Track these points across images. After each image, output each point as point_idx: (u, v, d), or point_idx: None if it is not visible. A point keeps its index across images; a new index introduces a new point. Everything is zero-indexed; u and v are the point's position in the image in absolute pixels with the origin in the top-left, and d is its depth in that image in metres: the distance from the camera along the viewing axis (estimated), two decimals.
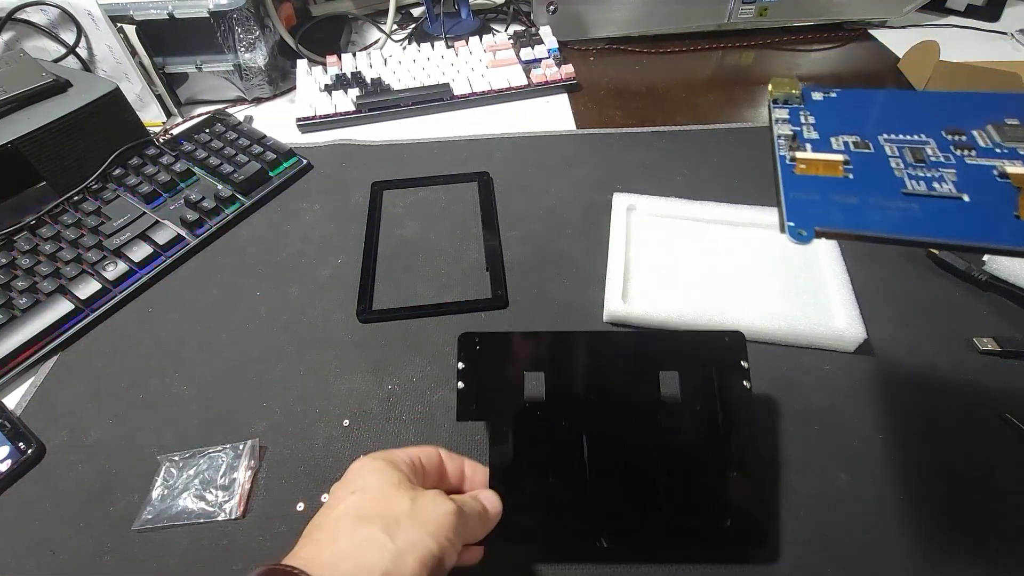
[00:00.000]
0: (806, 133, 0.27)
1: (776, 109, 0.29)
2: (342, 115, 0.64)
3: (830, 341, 0.39)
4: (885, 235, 0.22)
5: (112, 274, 0.46)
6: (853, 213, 0.22)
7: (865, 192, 0.23)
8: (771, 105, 0.29)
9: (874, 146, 0.26)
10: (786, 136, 0.27)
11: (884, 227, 0.22)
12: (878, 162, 0.25)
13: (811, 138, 0.27)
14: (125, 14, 0.60)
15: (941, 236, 0.21)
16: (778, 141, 0.26)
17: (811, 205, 0.23)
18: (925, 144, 0.25)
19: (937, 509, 0.32)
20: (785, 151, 0.26)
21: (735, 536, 0.30)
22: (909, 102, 0.29)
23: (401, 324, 0.43)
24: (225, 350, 0.43)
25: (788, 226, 0.22)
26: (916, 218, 0.22)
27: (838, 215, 0.22)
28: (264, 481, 0.35)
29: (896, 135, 0.26)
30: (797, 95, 0.29)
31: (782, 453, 0.35)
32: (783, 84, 0.29)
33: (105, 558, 0.32)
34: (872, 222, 0.22)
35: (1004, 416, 0.35)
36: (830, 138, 0.26)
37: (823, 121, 0.27)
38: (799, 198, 0.23)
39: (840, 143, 0.26)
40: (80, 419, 0.39)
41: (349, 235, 0.50)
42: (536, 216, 0.51)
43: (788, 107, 0.29)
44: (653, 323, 0.41)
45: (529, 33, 0.71)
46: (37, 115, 0.49)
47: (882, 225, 0.22)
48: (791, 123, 0.28)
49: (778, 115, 0.28)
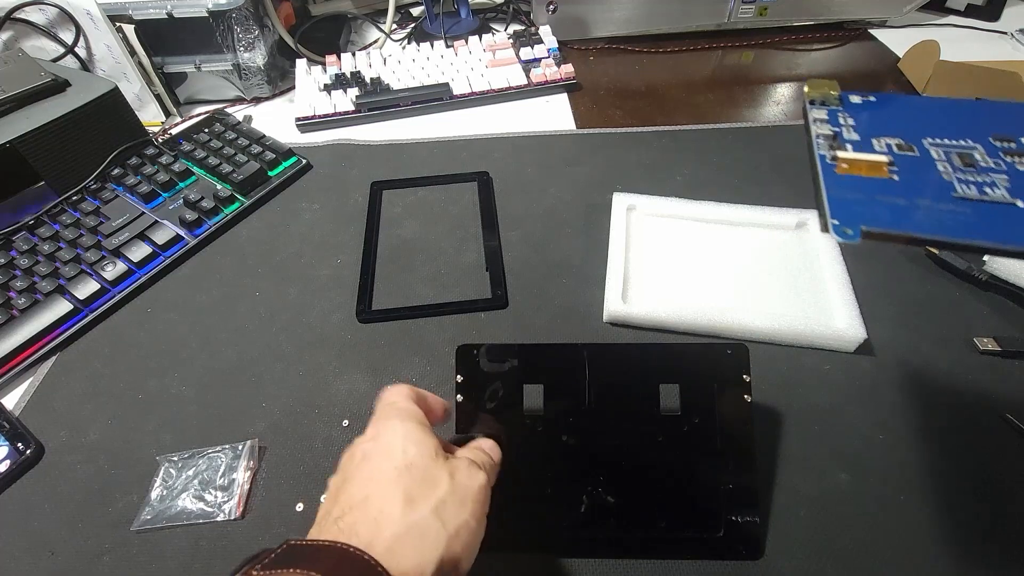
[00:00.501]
0: (846, 134, 0.26)
1: (813, 109, 0.28)
2: (341, 115, 0.63)
3: (830, 341, 0.39)
4: (937, 237, 0.21)
5: (111, 274, 0.46)
6: (902, 214, 0.22)
7: (913, 194, 0.23)
8: (808, 105, 0.29)
9: (919, 149, 0.25)
10: (826, 136, 0.26)
11: (936, 229, 0.21)
12: (924, 165, 0.24)
13: (852, 139, 0.26)
14: (124, 13, 0.60)
15: (996, 241, 0.21)
16: (817, 140, 0.26)
17: (856, 204, 0.23)
18: (972, 149, 0.25)
19: (937, 509, 0.32)
20: (825, 151, 0.25)
21: (728, 546, 0.30)
22: (950, 108, 0.28)
23: (400, 324, 0.43)
24: (224, 350, 0.42)
25: (832, 224, 0.22)
26: (969, 222, 0.21)
27: (886, 215, 0.22)
28: (263, 481, 0.35)
29: (941, 139, 0.26)
30: (835, 96, 0.29)
31: (782, 453, 0.34)
32: (821, 85, 0.29)
33: (104, 559, 0.32)
34: (923, 224, 0.21)
35: (1004, 416, 0.35)
36: (872, 139, 0.26)
37: (863, 123, 0.27)
38: (843, 197, 0.23)
39: (882, 145, 0.26)
40: (79, 419, 0.39)
41: (348, 235, 0.50)
42: (536, 216, 0.51)
43: (826, 108, 0.28)
44: (653, 323, 0.41)
45: (529, 33, 0.71)
46: (36, 115, 0.49)
47: (933, 227, 0.21)
48: (830, 124, 0.27)
49: (816, 115, 0.28)
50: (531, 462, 0.32)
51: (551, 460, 0.32)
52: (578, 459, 0.32)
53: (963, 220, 0.22)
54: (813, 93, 0.29)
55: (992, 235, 0.21)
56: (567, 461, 0.32)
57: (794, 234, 0.46)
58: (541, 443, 0.32)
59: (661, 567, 0.31)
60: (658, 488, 0.32)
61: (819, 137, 0.26)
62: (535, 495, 0.32)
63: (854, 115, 0.28)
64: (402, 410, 0.28)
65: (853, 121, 0.27)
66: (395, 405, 0.28)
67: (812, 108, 0.28)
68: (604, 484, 0.32)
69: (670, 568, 0.31)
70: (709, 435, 0.31)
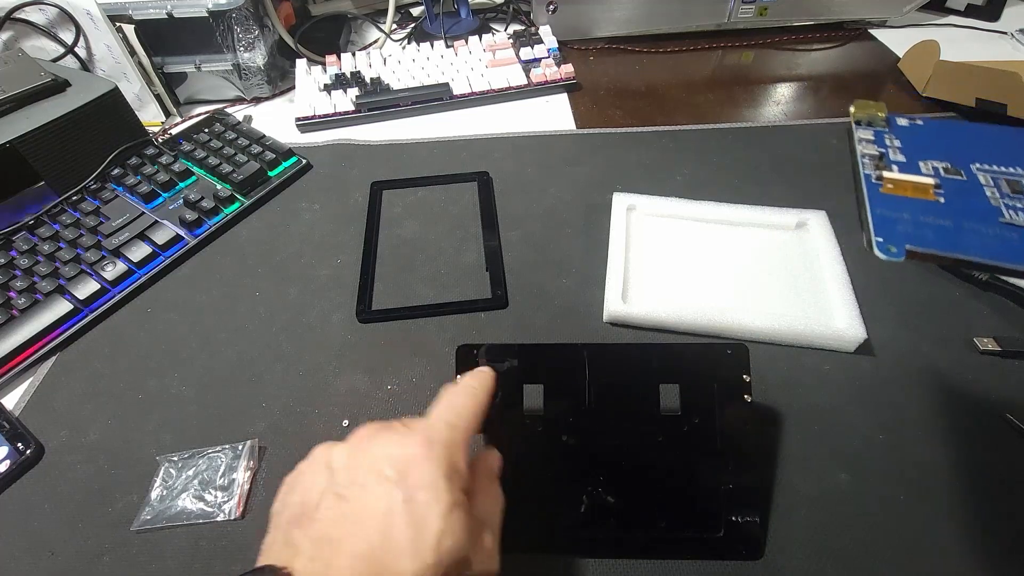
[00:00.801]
0: (892, 155, 0.26)
1: (859, 130, 0.28)
2: (341, 115, 0.63)
3: (830, 341, 0.39)
4: (983, 261, 0.21)
5: (111, 274, 0.46)
6: (948, 236, 0.22)
7: (959, 217, 0.23)
8: (853, 126, 0.29)
9: (966, 174, 0.25)
10: (871, 156, 0.26)
11: (982, 252, 0.21)
12: (972, 189, 0.24)
13: (898, 160, 0.26)
14: (124, 13, 0.60)
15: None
16: (862, 160, 0.26)
17: (901, 224, 0.22)
18: (1021, 177, 0.25)
19: (937, 509, 0.32)
20: (870, 170, 0.25)
21: (728, 546, 0.30)
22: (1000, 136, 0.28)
23: (400, 324, 0.43)
24: (224, 350, 0.42)
25: (876, 242, 0.22)
26: (1017, 247, 0.21)
27: (931, 236, 0.22)
28: (263, 482, 0.35)
29: (989, 165, 0.25)
30: (882, 117, 0.29)
31: (782, 453, 0.34)
32: (868, 106, 0.29)
33: (104, 559, 0.32)
34: (970, 246, 0.21)
35: (1004, 416, 0.35)
36: (918, 162, 0.26)
37: (909, 146, 0.27)
38: (887, 216, 0.23)
39: (929, 168, 0.25)
40: (79, 419, 0.39)
41: (348, 235, 0.50)
42: (536, 216, 0.51)
43: (872, 129, 0.28)
44: (653, 323, 0.41)
45: (529, 33, 0.71)
46: (36, 115, 0.49)
47: (980, 250, 0.21)
48: (876, 144, 0.27)
49: (862, 135, 0.28)
50: (531, 462, 0.32)
51: (551, 460, 0.32)
52: (578, 459, 0.32)
53: (1011, 245, 0.21)
54: (860, 114, 0.29)
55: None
56: (567, 461, 0.32)
57: (794, 234, 0.46)
58: (541, 443, 0.32)
59: (661, 567, 0.31)
60: (658, 488, 0.32)
61: (864, 157, 0.26)
62: (535, 495, 0.32)
63: (900, 137, 0.27)
64: (455, 465, 0.23)
65: (899, 143, 0.27)
66: (449, 441, 0.23)
67: (858, 128, 0.28)
68: (604, 484, 0.32)
69: (670, 568, 0.31)
70: (709, 435, 0.31)
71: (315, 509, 0.22)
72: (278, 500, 0.24)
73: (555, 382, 0.32)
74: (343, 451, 0.24)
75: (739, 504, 0.31)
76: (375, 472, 0.22)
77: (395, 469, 0.22)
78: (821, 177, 0.50)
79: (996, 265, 0.21)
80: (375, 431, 0.24)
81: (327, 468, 0.23)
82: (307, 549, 0.21)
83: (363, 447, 0.23)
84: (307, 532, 0.21)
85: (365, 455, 0.23)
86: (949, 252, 0.21)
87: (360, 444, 0.24)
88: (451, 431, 0.24)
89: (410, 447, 0.23)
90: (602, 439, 0.32)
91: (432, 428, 0.24)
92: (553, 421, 0.32)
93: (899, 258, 0.21)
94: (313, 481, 0.23)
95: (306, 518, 0.22)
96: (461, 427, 0.25)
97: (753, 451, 0.32)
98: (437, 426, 0.24)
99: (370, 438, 0.24)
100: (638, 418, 0.32)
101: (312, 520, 0.21)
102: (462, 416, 0.25)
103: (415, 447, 0.23)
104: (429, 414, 0.25)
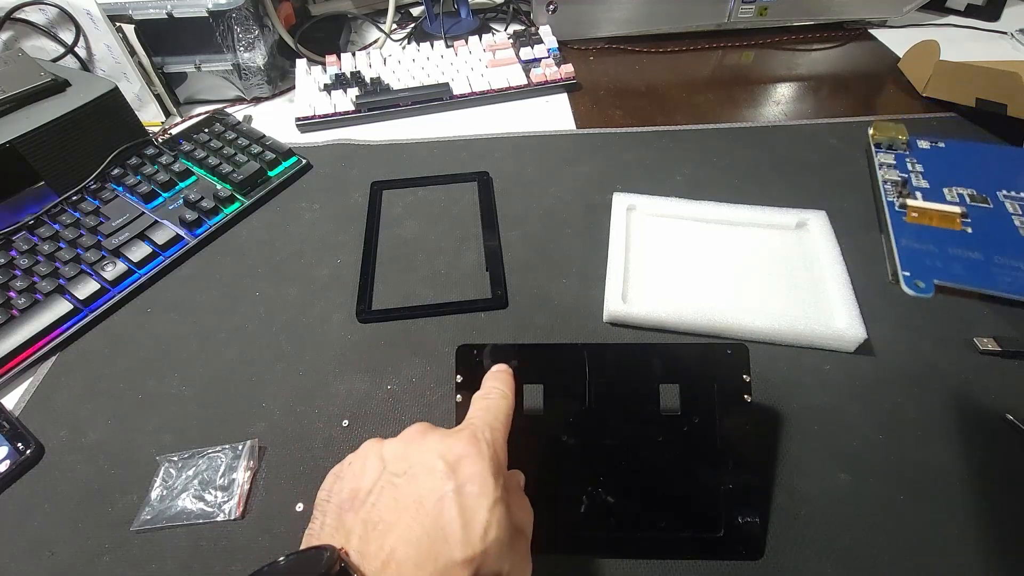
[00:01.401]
0: (915, 181, 0.26)
1: (880, 153, 0.27)
2: (341, 115, 0.63)
3: (830, 341, 0.39)
4: (1016, 297, 0.20)
5: (111, 274, 0.46)
6: (978, 270, 0.21)
7: (988, 249, 0.22)
8: (873, 149, 0.28)
9: (993, 201, 0.24)
10: (894, 182, 0.25)
11: (1012, 288, 0.21)
12: (999, 219, 0.23)
13: (921, 186, 0.25)
14: (124, 13, 0.60)
15: None
16: (885, 187, 0.25)
17: (928, 256, 0.22)
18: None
19: (937, 509, 0.32)
20: (894, 197, 0.25)
21: (728, 546, 0.30)
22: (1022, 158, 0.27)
23: (400, 324, 0.43)
24: (224, 350, 0.42)
25: (904, 276, 0.21)
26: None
27: (960, 271, 0.21)
28: (263, 482, 0.35)
29: (1016, 192, 0.25)
30: (903, 141, 0.28)
31: (782, 453, 0.34)
32: (888, 128, 0.28)
33: (104, 559, 0.32)
34: (1001, 283, 0.21)
35: (1005, 416, 0.35)
36: (942, 189, 0.25)
37: (932, 170, 0.26)
38: (914, 247, 0.22)
39: (954, 195, 0.25)
40: (79, 419, 0.39)
41: (348, 235, 0.50)
42: (536, 216, 0.51)
43: (893, 152, 0.27)
44: (653, 323, 0.41)
45: (529, 33, 0.71)
46: (35, 115, 0.49)
47: (1012, 287, 0.21)
48: (898, 169, 0.26)
49: (883, 159, 0.27)
50: (532, 462, 0.32)
51: (551, 460, 0.32)
52: (578, 459, 0.32)
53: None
54: (880, 136, 0.28)
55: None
56: (567, 461, 0.32)
57: (794, 234, 0.46)
58: (541, 443, 0.32)
59: (661, 567, 0.31)
60: (657, 488, 0.32)
61: (887, 183, 0.25)
62: (535, 495, 0.32)
63: (923, 161, 0.27)
64: (501, 465, 0.24)
65: (922, 168, 0.26)
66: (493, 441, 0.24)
67: (879, 152, 0.27)
68: (602, 483, 0.32)
69: (670, 568, 0.31)
70: (709, 435, 0.31)
71: (368, 494, 0.23)
72: (325, 488, 0.25)
73: (555, 382, 0.32)
74: (395, 444, 0.25)
75: (738, 504, 0.31)
76: (427, 464, 0.23)
77: (446, 462, 0.23)
78: (821, 177, 0.50)
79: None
80: (425, 429, 0.25)
81: (379, 458, 0.24)
82: (360, 531, 0.22)
83: (415, 440, 0.25)
84: (359, 515, 0.22)
85: (417, 448, 0.24)
86: (980, 287, 0.21)
87: (412, 439, 0.25)
88: (493, 432, 0.25)
89: (459, 443, 0.24)
90: (602, 439, 0.32)
91: (477, 429, 0.25)
92: (553, 421, 0.32)
93: (928, 294, 0.21)
94: (365, 469, 0.24)
95: (359, 502, 0.23)
96: (500, 429, 0.26)
97: (753, 451, 0.32)
98: (481, 427, 0.25)
99: (421, 434, 0.25)
100: (638, 418, 0.32)
101: (364, 504, 0.22)
102: (499, 419, 0.27)
103: (464, 444, 0.24)
104: (469, 418, 0.27)
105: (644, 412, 0.32)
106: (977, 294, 0.21)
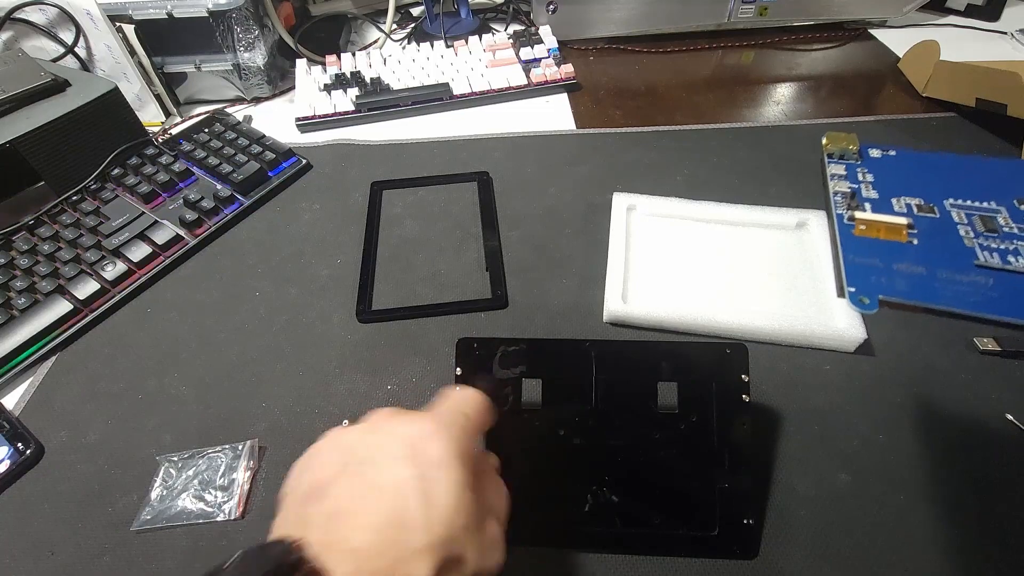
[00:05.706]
0: (865, 192, 0.25)
1: (832, 164, 0.27)
2: (341, 115, 0.63)
3: (830, 341, 0.39)
4: (957, 310, 0.20)
5: (111, 274, 0.46)
6: (921, 284, 0.21)
7: (932, 261, 0.22)
8: (826, 159, 0.28)
9: (940, 211, 0.24)
10: (844, 194, 0.25)
11: (957, 303, 0.20)
12: (945, 228, 0.23)
13: (870, 197, 0.25)
14: (124, 13, 0.60)
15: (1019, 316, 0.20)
16: (835, 199, 0.25)
17: (874, 271, 0.21)
18: (996, 213, 0.23)
19: (937, 509, 0.32)
20: (843, 210, 0.24)
21: (723, 544, 0.30)
22: (974, 167, 0.27)
23: (401, 324, 0.43)
24: (224, 350, 0.42)
25: (849, 292, 0.21)
26: (991, 297, 0.20)
27: (904, 285, 0.21)
28: (263, 482, 0.35)
29: (963, 200, 0.24)
30: (854, 151, 0.28)
31: (781, 453, 0.34)
32: (839, 139, 0.28)
33: (104, 559, 0.32)
34: (943, 296, 0.20)
35: (1005, 416, 0.35)
36: (891, 199, 0.25)
37: (882, 180, 0.26)
38: (860, 262, 0.22)
39: (902, 205, 0.24)
40: (79, 419, 0.39)
41: (348, 235, 0.50)
42: (536, 216, 0.51)
43: (844, 163, 0.27)
44: (653, 323, 0.41)
45: (529, 33, 0.71)
46: (35, 115, 0.49)
47: (953, 300, 0.20)
48: (848, 180, 0.26)
49: (834, 171, 0.27)
50: (535, 459, 0.32)
51: (555, 458, 0.32)
52: (584, 457, 0.32)
53: (985, 294, 0.20)
54: (832, 147, 0.28)
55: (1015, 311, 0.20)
56: (573, 459, 0.32)
57: (794, 234, 0.46)
58: (537, 437, 0.32)
59: (658, 565, 0.31)
60: (654, 486, 0.32)
61: (837, 195, 0.25)
62: (532, 491, 0.32)
63: (873, 171, 0.26)
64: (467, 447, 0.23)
65: (872, 177, 0.26)
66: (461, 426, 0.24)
67: (831, 163, 0.27)
68: (599, 479, 0.32)
69: (667, 565, 0.31)
70: (707, 434, 0.31)
71: (328, 486, 0.22)
72: (289, 482, 0.24)
73: (555, 377, 0.33)
74: (357, 432, 0.24)
75: (735, 504, 0.31)
76: (389, 450, 0.22)
77: (408, 447, 0.22)
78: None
79: (970, 315, 0.20)
80: (389, 415, 0.25)
81: (340, 448, 0.24)
82: (320, 523, 0.21)
83: (377, 428, 0.24)
84: (320, 507, 0.21)
85: (379, 435, 0.23)
86: (924, 302, 0.21)
87: (374, 425, 0.24)
88: (462, 418, 0.25)
89: (423, 428, 0.23)
90: (600, 435, 0.32)
91: (443, 414, 0.25)
92: (551, 416, 0.32)
93: (872, 310, 0.21)
94: (327, 460, 0.23)
95: (320, 493, 0.22)
96: (472, 417, 0.26)
97: (751, 451, 0.32)
98: (449, 409, 0.25)
99: (385, 420, 0.24)
100: (636, 416, 0.32)
101: (325, 496, 0.22)
102: (470, 407, 0.26)
103: (428, 428, 0.23)
104: (439, 402, 0.26)
105: (641, 410, 0.32)
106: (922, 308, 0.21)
